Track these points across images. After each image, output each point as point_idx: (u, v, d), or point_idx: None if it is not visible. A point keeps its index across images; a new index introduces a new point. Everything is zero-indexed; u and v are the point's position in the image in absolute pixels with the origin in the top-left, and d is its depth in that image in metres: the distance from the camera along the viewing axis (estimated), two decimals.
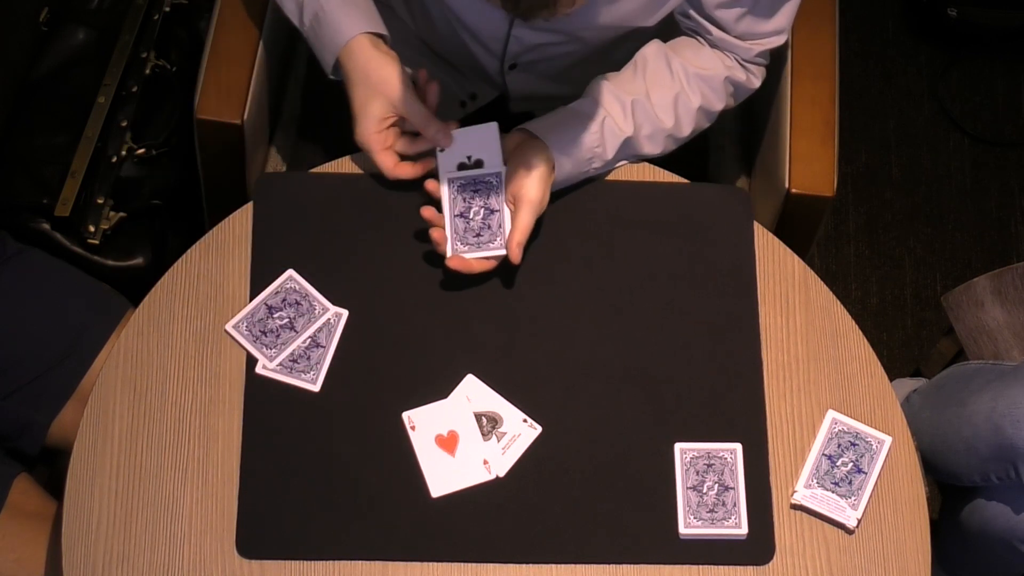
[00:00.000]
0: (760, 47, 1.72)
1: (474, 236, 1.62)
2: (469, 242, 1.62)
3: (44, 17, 2.19)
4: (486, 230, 1.62)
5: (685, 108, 1.70)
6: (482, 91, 1.88)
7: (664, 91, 1.69)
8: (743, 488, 1.57)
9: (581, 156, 1.65)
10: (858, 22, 2.76)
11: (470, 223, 1.62)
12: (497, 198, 1.63)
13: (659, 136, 1.70)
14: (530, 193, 1.61)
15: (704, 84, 1.71)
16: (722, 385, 1.63)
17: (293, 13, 1.69)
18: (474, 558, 1.55)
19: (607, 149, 1.67)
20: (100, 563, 1.53)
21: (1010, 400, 1.76)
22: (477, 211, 1.63)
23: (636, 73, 1.70)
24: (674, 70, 1.70)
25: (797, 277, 1.70)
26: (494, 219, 1.63)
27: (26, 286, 1.82)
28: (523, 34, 1.72)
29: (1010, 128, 2.69)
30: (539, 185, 1.62)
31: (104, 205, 2.08)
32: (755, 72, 1.76)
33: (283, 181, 1.75)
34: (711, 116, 1.75)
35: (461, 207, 1.63)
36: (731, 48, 1.72)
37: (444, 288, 1.66)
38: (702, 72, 1.71)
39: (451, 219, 1.63)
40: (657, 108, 1.68)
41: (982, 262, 2.57)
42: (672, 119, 1.70)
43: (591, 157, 1.66)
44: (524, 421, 1.60)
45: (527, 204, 1.61)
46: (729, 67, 1.73)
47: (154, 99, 2.17)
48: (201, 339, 1.63)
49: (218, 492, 1.57)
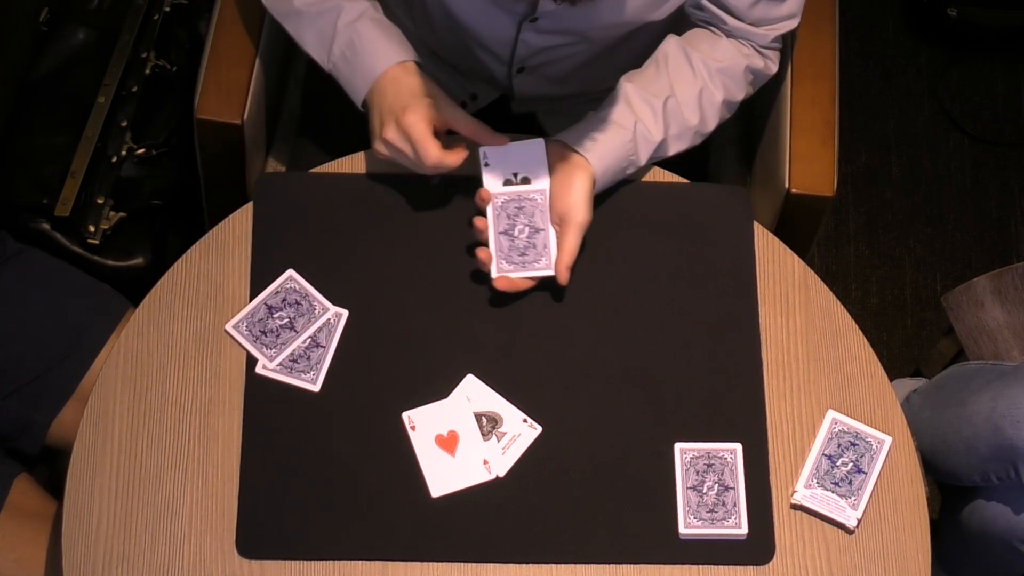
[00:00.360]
0: (775, 32, 1.72)
1: (519, 255, 1.62)
2: (514, 261, 1.62)
3: (44, 17, 2.19)
4: (531, 249, 1.62)
5: (710, 103, 1.70)
6: (483, 92, 1.88)
7: (688, 88, 1.69)
8: (743, 488, 1.57)
9: (618, 166, 1.65)
10: (858, 22, 2.76)
11: (515, 241, 1.62)
12: (542, 216, 1.62)
13: (686, 134, 1.70)
14: (578, 216, 1.61)
15: (726, 76, 1.71)
16: (722, 385, 1.63)
17: (316, 46, 1.68)
18: (474, 558, 1.55)
19: (640, 155, 1.67)
20: (100, 563, 1.53)
21: (1010, 400, 1.76)
22: (522, 229, 1.62)
23: (659, 71, 1.69)
24: (695, 65, 1.69)
25: (797, 277, 1.70)
26: (539, 238, 1.62)
27: (26, 286, 1.82)
28: (531, 38, 1.71)
29: (1010, 128, 2.69)
30: (586, 206, 1.61)
31: (104, 205, 2.08)
32: (772, 57, 1.76)
33: (283, 181, 1.75)
34: (732, 108, 1.75)
35: (505, 225, 1.62)
36: (747, 35, 1.72)
37: (444, 288, 1.66)
38: (722, 64, 1.70)
39: (495, 237, 1.62)
40: (683, 106, 1.68)
41: (982, 262, 2.57)
42: (697, 116, 1.69)
43: (626, 165, 1.66)
44: (524, 421, 1.60)
45: (575, 226, 1.61)
46: (747, 55, 1.72)
47: (154, 99, 2.16)
48: (201, 339, 1.63)
49: (218, 492, 1.57)
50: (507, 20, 1.69)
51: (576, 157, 1.63)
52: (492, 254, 1.61)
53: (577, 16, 1.66)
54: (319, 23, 1.67)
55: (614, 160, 1.64)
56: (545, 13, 1.65)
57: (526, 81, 1.81)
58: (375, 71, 1.63)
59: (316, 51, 1.68)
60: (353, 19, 1.66)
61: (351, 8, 1.66)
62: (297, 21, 1.68)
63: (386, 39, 1.65)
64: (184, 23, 2.24)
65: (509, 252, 1.62)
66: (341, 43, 1.65)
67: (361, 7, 1.67)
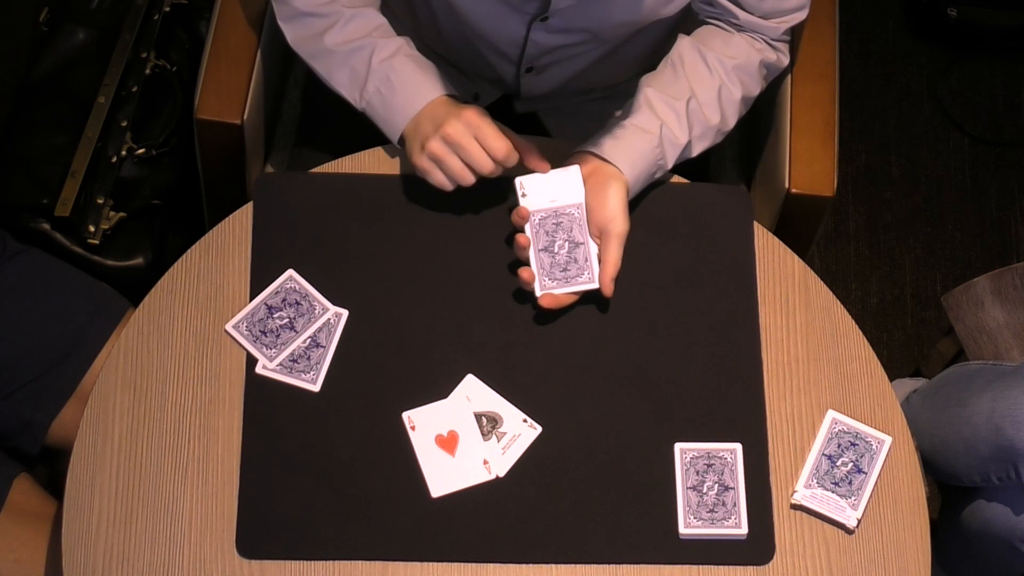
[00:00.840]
0: (786, 24, 1.72)
1: (561, 271, 1.62)
2: (556, 277, 1.61)
3: (44, 17, 2.19)
4: (573, 264, 1.62)
5: (729, 100, 1.70)
6: (485, 91, 1.88)
7: (707, 88, 1.69)
8: (743, 488, 1.57)
9: (648, 172, 1.65)
10: (858, 22, 2.76)
11: (556, 257, 1.62)
12: (580, 230, 1.62)
13: (709, 134, 1.70)
14: (618, 226, 1.61)
15: (742, 73, 1.71)
16: (722, 385, 1.63)
17: (348, 85, 1.66)
18: (474, 558, 1.55)
19: (668, 159, 1.67)
20: (100, 563, 1.53)
21: (1010, 401, 1.76)
22: (562, 245, 1.62)
23: (677, 73, 1.69)
24: (711, 64, 1.69)
25: (797, 277, 1.70)
26: (580, 252, 1.62)
27: (26, 286, 1.82)
28: (541, 38, 1.71)
29: (1010, 128, 2.69)
30: (623, 216, 1.61)
31: (104, 205, 2.08)
32: (783, 50, 1.76)
33: (283, 181, 1.75)
34: (749, 103, 1.75)
35: (545, 241, 1.62)
36: (758, 29, 1.72)
37: (444, 288, 1.66)
38: (737, 61, 1.70)
39: (536, 254, 1.62)
40: (704, 106, 1.68)
41: (982, 262, 2.57)
42: (718, 115, 1.69)
43: (655, 170, 1.67)
44: (524, 421, 1.60)
45: (615, 237, 1.61)
46: (760, 50, 1.72)
47: (154, 99, 2.17)
48: (201, 339, 1.63)
49: (218, 492, 1.57)
50: (517, 20, 1.68)
51: (608, 167, 1.63)
52: (534, 272, 1.61)
53: (587, 14, 1.66)
54: (352, 61, 1.65)
55: (644, 167, 1.64)
56: (556, 12, 1.65)
57: (534, 81, 1.81)
58: (415, 106, 1.62)
59: (348, 90, 1.66)
60: (389, 55, 1.64)
61: (386, 45, 1.65)
62: (328, 60, 1.67)
63: (423, 75, 1.64)
64: (184, 23, 2.24)
65: (551, 269, 1.62)
66: (376, 80, 1.64)
67: (396, 44, 1.66)
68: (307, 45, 1.69)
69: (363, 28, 1.66)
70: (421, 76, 1.64)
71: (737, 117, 1.72)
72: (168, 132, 2.15)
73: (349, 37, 1.66)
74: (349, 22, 1.66)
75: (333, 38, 1.66)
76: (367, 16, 1.68)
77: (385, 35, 1.67)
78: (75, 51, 2.17)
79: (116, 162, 2.11)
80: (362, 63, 1.65)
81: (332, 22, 1.66)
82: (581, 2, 1.64)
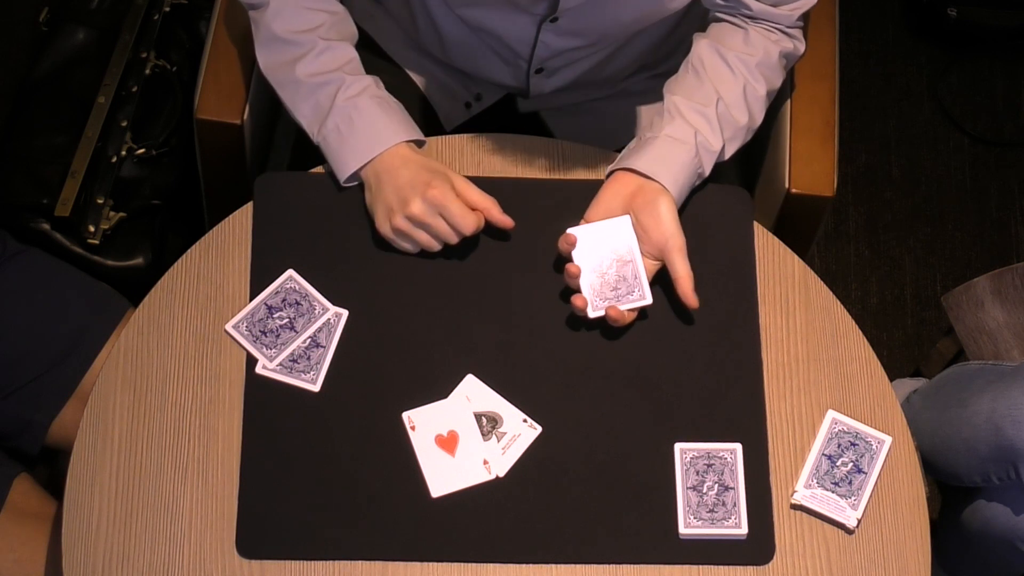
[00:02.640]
0: (799, 10, 1.70)
1: (611, 290, 1.61)
2: (607, 296, 1.61)
3: (44, 17, 2.19)
4: (622, 282, 1.61)
5: (755, 98, 1.69)
6: (488, 92, 1.88)
7: (732, 89, 1.68)
8: (743, 488, 1.57)
9: (688, 182, 1.65)
10: (858, 22, 2.76)
11: (605, 277, 1.61)
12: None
13: (739, 135, 1.69)
14: (677, 241, 1.60)
15: (764, 68, 1.70)
16: (722, 385, 1.63)
17: (310, 117, 1.66)
18: (474, 558, 1.55)
19: (706, 167, 1.66)
20: (100, 563, 1.53)
21: (1010, 401, 1.76)
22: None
23: (700, 78, 1.68)
24: (732, 64, 1.68)
25: (797, 277, 1.70)
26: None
27: (26, 286, 1.82)
28: (550, 39, 1.71)
29: (1010, 128, 2.69)
30: (678, 230, 1.60)
31: (104, 205, 2.08)
32: (799, 37, 1.74)
33: (283, 181, 1.75)
34: (773, 96, 1.74)
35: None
36: (772, 18, 1.70)
37: (444, 288, 1.66)
38: (758, 57, 1.69)
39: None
40: (732, 108, 1.68)
41: (982, 262, 2.57)
42: (746, 114, 1.69)
43: (695, 180, 1.66)
44: (524, 421, 1.60)
45: (679, 251, 1.60)
46: (776, 41, 1.71)
47: (154, 99, 2.17)
48: (201, 339, 1.63)
49: (218, 492, 1.57)
50: (527, 21, 1.68)
51: (652, 184, 1.62)
52: (586, 296, 1.61)
53: (596, 13, 1.66)
54: (317, 95, 1.65)
55: (685, 177, 1.64)
56: (565, 11, 1.65)
57: (543, 81, 1.81)
58: (373, 149, 1.62)
59: (308, 122, 1.66)
60: (354, 94, 1.64)
61: (353, 83, 1.64)
62: (294, 90, 1.66)
63: (387, 117, 1.63)
64: (184, 23, 2.24)
65: (601, 289, 1.61)
66: (337, 117, 1.63)
67: (364, 83, 1.65)
68: (277, 72, 1.68)
69: (334, 62, 1.65)
70: (384, 120, 1.63)
71: (764, 112, 1.71)
72: (168, 132, 2.16)
73: (320, 69, 1.65)
74: (321, 54, 1.65)
75: (304, 68, 1.65)
76: (340, 50, 1.66)
77: (354, 72, 1.66)
78: (75, 51, 2.17)
79: (116, 162, 2.11)
80: (327, 98, 1.64)
81: (305, 51, 1.65)
82: (589, 1, 1.63)
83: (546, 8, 1.65)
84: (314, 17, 1.67)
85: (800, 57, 1.76)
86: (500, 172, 1.73)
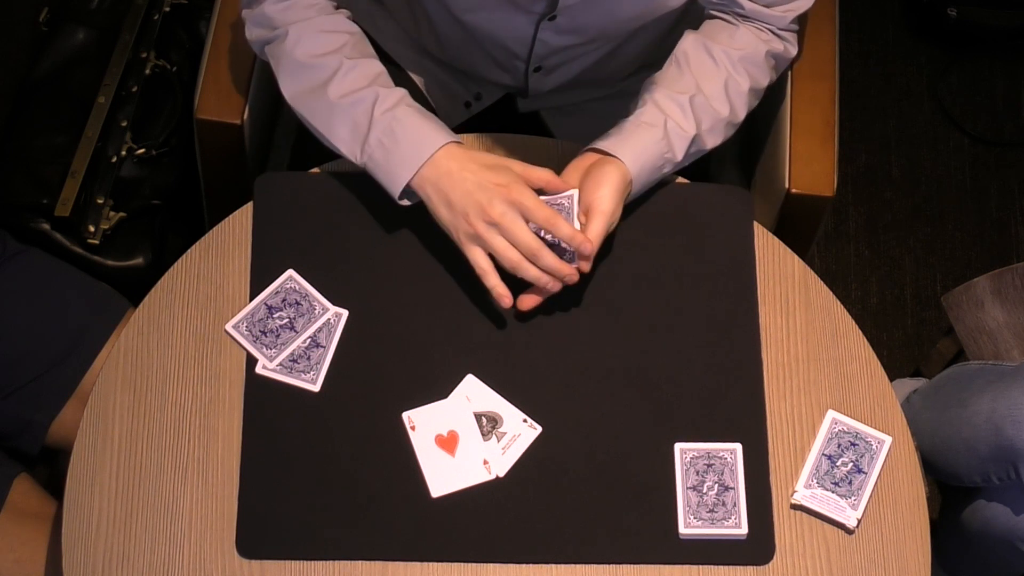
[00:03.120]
0: (792, 12, 1.71)
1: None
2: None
3: (44, 17, 2.19)
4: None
5: (736, 92, 1.69)
6: (488, 92, 1.88)
7: (713, 81, 1.68)
8: (743, 488, 1.57)
9: (653, 164, 1.64)
10: (858, 22, 2.76)
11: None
12: (570, 219, 1.59)
13: (719, 127, 1.69)
14: (602, 205, 1.58)
15: (748, 63, 1.70)
16: (722, 385, 1.63)
17: (348, 139, 1.60)
18: (474, 558, 1.55)
19: (676, 152, 1.65)
20: (100, 563, 1.53)
21: (1010, 401, 1.76)
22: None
23: (681, 69, 1.68)
24: (716, 57, 1.69)
25: (797, 277, 1.70)
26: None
27: (26, 286, 1.82)
28: (549, 37, 1.71)
29: (1010, 128, 2.69)
30: (611, 196, 1.59)
31: (104, 205, 2.08)
32: (791, 40, 1.75)
33: (283, 181, 1.75)
34: (759, 94, 1.74)
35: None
36: (765, 18, 1.71)
37: (444, 288, 1.66)
38: (743, 52, 1.69)
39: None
40: (712, 99, 1.67)
41: (982, 262, 2.57)
42: (727, 107, 1.68)
43: (662, 164, 1.65)
44: (524, 421, 1.60)
45: (599, 214, 1.58)
46: (766, 40, 1.71)
47: (154, 99, 2.17)
48: (201, 339, 1.63)
49: (218, 492, 1.57)
50: (525, 20, 1.68)
51: (609, 159, 1.62)
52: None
53: (595, 11, 1.66)
54: (353, 114, 1.60)
55: (648, 158, 1.63)
56: (564, 9, 1.65)
57: (542, 79, 1.81)
58: (422, 154, 1.57)
59: (348, 145, 1.61)
60: (391, 106, 1.59)
61: (388, 96, 1.60)
62: (328, 114, 1.61)
63: (429, 122, 1.60)
64: (184, 23, 2.24)
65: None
66: (379, 131, 1.58)
67: (398, 94, 1.61)
68: (307, 100, 1.63)
69: (364, 78, 1.61)
70: (426, 125, 1.59)
71: (747, 109, 1.71)
72: (168, 132, 2.16)
73: (351, 88, 1.61)
74: (349, 72, 1.61)
75: (336, 89, 1.60)
76: (367, 66, 1.63)
77: (386, 84, 1.62)
78: (75, 51, 2.17)
79: (116, 162, 2.11)
80: (364, 115, 1.59)
81: (332, 73, 1.61)
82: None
83: (545, 6, 1.65)
84: (335, 39, 1.64)
85: (791, 61, 1.77)
86: None
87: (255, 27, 1.67)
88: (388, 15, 1.86)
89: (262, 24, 1.66)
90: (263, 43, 1.67)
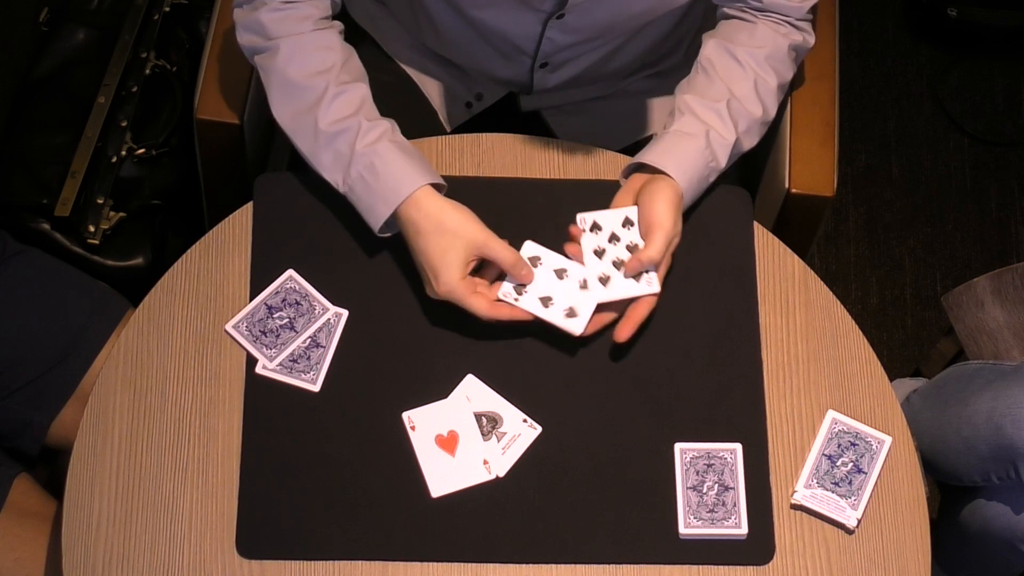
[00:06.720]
0: (810, 1, 1.71)
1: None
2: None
3: (44, 17, 2.19)
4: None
5: (767, 91, 1.69)
6: (489, 91, 1.88)
7: (743, 84, 1.68)
8: (743, 488, 1.57)
9: (701, 174, 1.64)
10: (858, 22, 2.76)
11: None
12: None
13: (755, 128, 1.69)
14: (663, 221, 1.59)
15: (773, 61, 1.70)
16: (722, 385, 1.63)
17: (331, 168, 1.61)
18: (474, 558, 1.55)
19: (720, 159, 1.66)
20: (100, 563, 1.53)
21: (1010, 400, 1.76)
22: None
23: (710, 77, 1.68)
24: (741, 59, 1.69)
25: (797, 277, 1.70)
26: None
27: (26, 286, 1.82)
28: (556, 35, 1.71)
29: (1010, 128, 2.69)
30: (670, 213, 1.60)
31: (104, 205, 2.08)
32: (808, 29, 1.74)
33: (283, 181, 1.75)
34: (785, 88, 1.74)
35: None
36: (782, 10, 1.70)
37: None
38: (767, 51, 1.69)
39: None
40: (744, 102, 1.67)
41: (982, 262, 2.58)
42: (760, 107, 1.69)
43: (708, 173, 1.66)
44: (524, 421, 1.60)
45: (659, 230, 1.59)
46: (785, 34, 1.71)
47: (154, 99, 2.17)
48: (201, 339, 1.63)
49: (218, 492, 1.57)
50: (533, 18, 1.68)
51: (659, 175, 1.62)
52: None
53: (603, 8, 1.66)
54: (336, 143, 1.60)
55: (696, 170, 1.63)
56: (573, 7, 1.65)
57: (547, 77, 1.81)
58: (399, 194, 1.58)
59: (331, 172, 1.61)
60: (373, 140, 1.60)
61: (371, 128, 1.60)
62: (312, 139, 1.61)
63: (408, 161, 1.60)
64: (184, 23, 2.24)
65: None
66: (359, 165, 1.59)
67: (381, 128, 1.61)
68: (295, 121, 1.63)
69: (350, 105, 1.61)
70: (404, 163, 1.59)
71: (777, 105, 1.72)
72: (168, 132, 2.15)
73: (337, 116, 1.61)
74: (336, 98, 1.61)
75: (323, 117, 1.61)
76: (353, 91, 1.62)
77: (370, 115, 1.62)
78: (75, 51, 2.17)
79: (116, 162, 2.11)
80: (346, 146, 1.60)
81: (319, 96, 1.61)
82: None
83: (553, 4, 1.65)
84: (328, 57, 1.63)
85: (810, 49, 1.76)
86: (500, 172, 1.73)
87: (247, 32, 1.66)
88: (389, 15, 1.86)
89: (255, 31, 1.65)
90: (254, 51, 1.67)
